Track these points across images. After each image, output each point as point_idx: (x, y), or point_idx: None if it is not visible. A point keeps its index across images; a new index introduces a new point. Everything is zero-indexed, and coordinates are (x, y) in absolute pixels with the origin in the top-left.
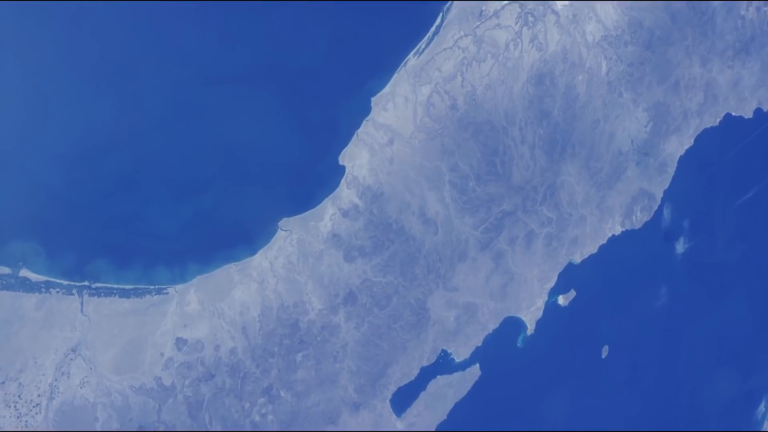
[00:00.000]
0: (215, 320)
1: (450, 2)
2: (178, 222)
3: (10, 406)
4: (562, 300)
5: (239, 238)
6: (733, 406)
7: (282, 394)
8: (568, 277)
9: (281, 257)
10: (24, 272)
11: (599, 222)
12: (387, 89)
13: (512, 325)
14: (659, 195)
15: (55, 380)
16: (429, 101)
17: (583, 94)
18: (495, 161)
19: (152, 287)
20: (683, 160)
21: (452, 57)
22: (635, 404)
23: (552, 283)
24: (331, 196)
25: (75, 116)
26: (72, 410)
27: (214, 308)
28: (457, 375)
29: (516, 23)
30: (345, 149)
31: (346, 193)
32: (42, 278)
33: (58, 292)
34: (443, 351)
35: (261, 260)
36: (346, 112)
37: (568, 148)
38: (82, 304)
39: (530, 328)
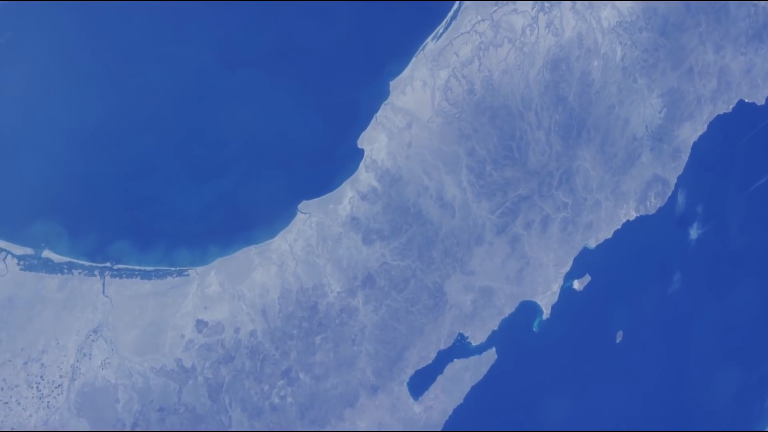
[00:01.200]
0: (235, 302)
1: None
2: (198, 204)
3: (32, 387)
4: (577, 285)
5: (259, 220)
6: (745, 392)
7: (301, 376)
8: (583, 262)
9: (300, 240)
10: (46, 253)
11: (614, 207)
12: (405, 73)
13: (528, 309)
14: (673, 181)
15: (77, 361)
16: (447, 85)
17: (599, 80)
18: (511, 146)
19: (173, 269)
20: (697, 146)
21: (470, 41)
22: (649, 389)
23: (567, 268)
24: (349, 179)
25: (97, 99)
26: (93, 391)
27: (234, 290)
28: (473, 359)
29: (532, 8)
30: (364, 133)
31: (364, 177)
32: (64, 259)
33: (80, 273)
34: (460, 335)
35: (281, 243)
36: (365, 96)
37: (583, 133)
38: (103, 285)
39: (546, 313)
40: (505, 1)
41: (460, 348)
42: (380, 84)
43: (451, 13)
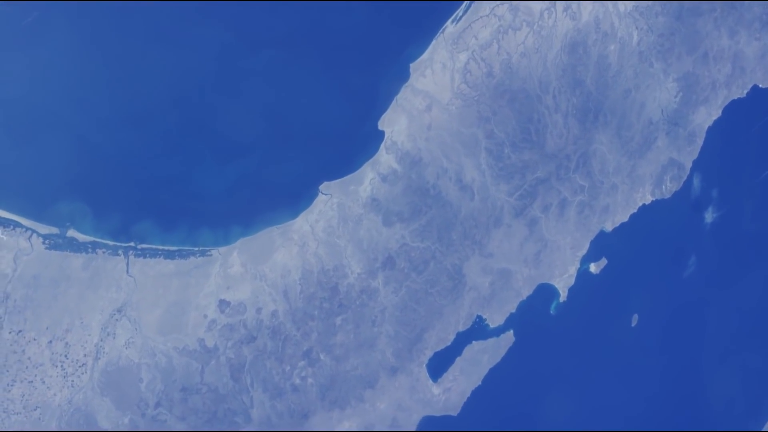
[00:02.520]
0: (257, 283)
1: None
2: (221, 185)
3: (57, 366)
4: (593, 268)
5: (281, 201)
6: (760, 376)
7: (322, 357)
8: (600, 245)
9: (322, 221)
10: (71, 232)
11: (630, 191)
12: (425, 56)
13: (545, 292)
14: (688, 165)
15: (101, 340)
16: (466, 68)
17: (615, 64)
18: (529, 129)
19: (196, 249)
20: (711, 131)
21: (489, 25)
22: (664, 372)
23: (584, 251)
24: (370, 161)
25: (123, 79)
26: (117, 371)
27: (257, 271)
28: (491, 341)
29: None
30: (384, 115)
31: (385, 158)
32: (89, 239)
33: (104, 252)
34: (478, 317)
35: (302, 224)
36: (386, 78)
37: (600, 117)
38: (127, 264)
39: (563, 295)
40: None
41: (478, 330)
42: (401, 66)
43: None
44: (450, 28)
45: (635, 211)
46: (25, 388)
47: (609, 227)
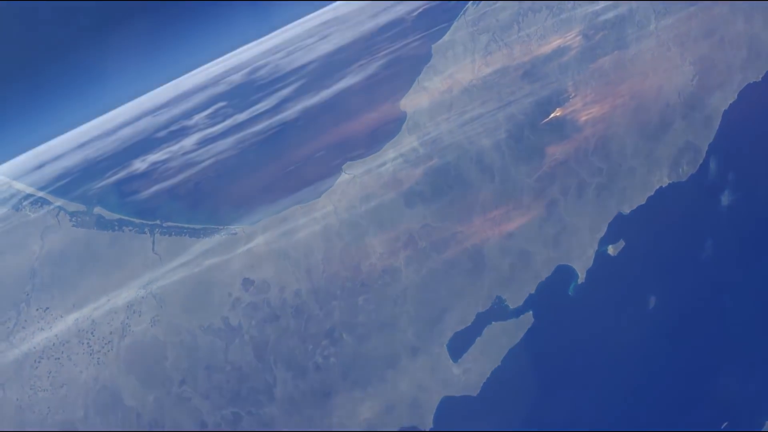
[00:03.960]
0: (281, 262)
1: None
2: (246, 164)
3: (83, 343)
4: (611, 250)
5: (305, 181)
6: None
7: (344, 336)
8: (618, 228)
9: (344, 201)
10: (98, 210)
11: (647, 174)
12: (447, 37)
13: (564, 273)
14: (704, 148)
15: (127, 318)
16: (486, 50)
17: (633, 47)
18: (549, 111)
19: (221, 227)
20: (727, 114)
21: (509, 7)
22: (680, 353)
23: (602, 233)
24: (392, 141)
25: (141, 65)
26: (142, 348)
27: (280, 249)
28: (511, 321)
29: None
30: (406, 95)
31: (407, 139)
32: (115, 216)
33: (130, 230)
34: (498, 297)
35: (325, 203)
36: (408, 59)
37: (618, 100)
38: (153, 242)
39: (581, 277)
40: None
41: (498, 310)
42: (422, 47)
43: None
44: (471, 9)
45: (652, 193)
46: (52, 365)
47: (626, 210)
